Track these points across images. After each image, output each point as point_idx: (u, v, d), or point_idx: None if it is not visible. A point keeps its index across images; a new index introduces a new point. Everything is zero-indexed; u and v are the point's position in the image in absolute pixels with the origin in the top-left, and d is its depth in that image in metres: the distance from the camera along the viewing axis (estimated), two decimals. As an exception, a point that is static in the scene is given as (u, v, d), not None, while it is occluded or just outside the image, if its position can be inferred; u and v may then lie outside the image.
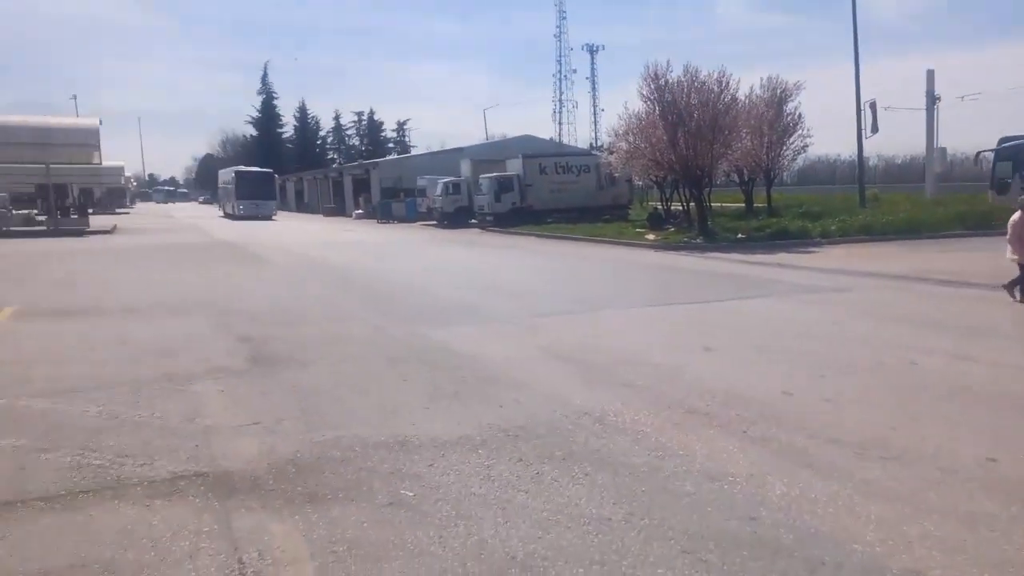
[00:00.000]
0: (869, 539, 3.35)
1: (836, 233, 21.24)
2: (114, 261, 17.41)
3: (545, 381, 6.12)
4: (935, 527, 3.47)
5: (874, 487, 3.93)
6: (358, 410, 5.31)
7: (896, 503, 3.73)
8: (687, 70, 21.76)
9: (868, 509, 3.65)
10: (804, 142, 27.73)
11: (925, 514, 3.60)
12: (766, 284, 12.67)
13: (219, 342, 7.71)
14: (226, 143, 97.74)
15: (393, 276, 14.35)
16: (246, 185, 47.93)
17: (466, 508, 3.68)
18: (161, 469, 4.19)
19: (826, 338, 7.93)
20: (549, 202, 32.61)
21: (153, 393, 5.72)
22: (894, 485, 3.95)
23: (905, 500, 3.76)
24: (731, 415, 5.15)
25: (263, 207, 46.84)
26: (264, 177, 50.11)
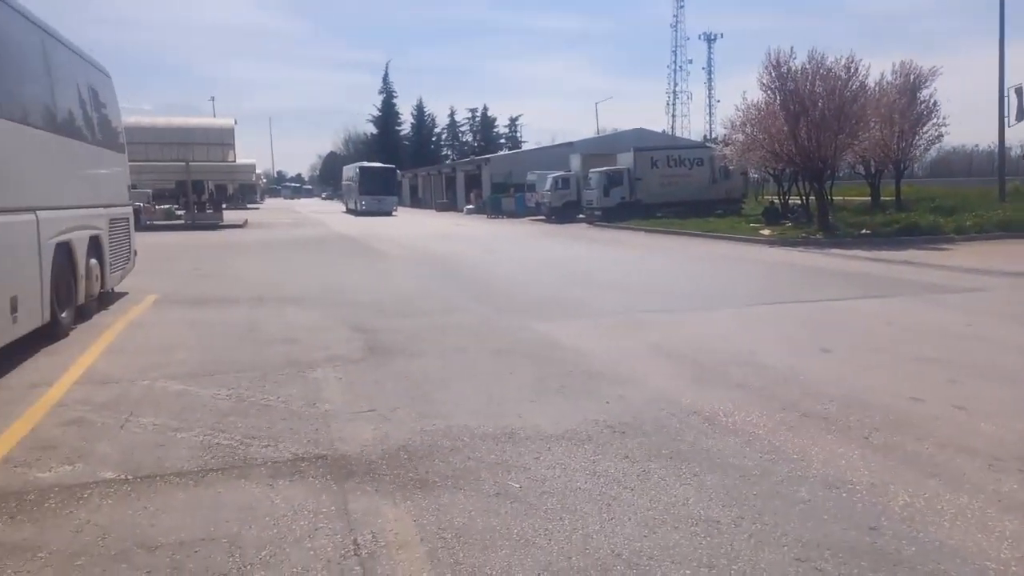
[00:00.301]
0: (1003, 557, 3.12)
1: (972, 229, 19.78)
2: (244, 253, 18.56)
3: (652, 378, 6.04)
4: (1081, 549, 3.19)
5: (1010, 501, 3.65)
6: (466, 400, 5.44)
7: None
8: (812, 56, 20.83)
9: (1002, 524, 3.40)
10: (939, 131, 25.90)
11: (1070, 535, 3.31)
12: (892, 283, 11.96)
13: (337, 331, 8.08)
14: (348, 141, 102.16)
15: (500, 269, 14.55)
16: (369, 180, 48.47)
17: (572, 502, 3.70)
18: (284, 451, 4.45)
19: (958, 341, 7.41)
20: (659, 196, 32.06)
21: (277, 378, 6.07)
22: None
23: (1047, 518, 3.48)
24: (851, 420, 4.91)
25: (385, 203, 47.19)
26: (386, 173, 50.44)
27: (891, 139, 24.57)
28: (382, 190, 47.97)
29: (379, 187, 47.92)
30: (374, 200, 46.72)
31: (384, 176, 49.68)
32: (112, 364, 6.68)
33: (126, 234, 10.94)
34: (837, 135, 20.51)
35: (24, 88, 7.38)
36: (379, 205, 46.50)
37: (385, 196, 47.59)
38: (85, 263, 8.62)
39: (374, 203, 46.42)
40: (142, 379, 6.10)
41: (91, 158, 9.40)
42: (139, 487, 3.93)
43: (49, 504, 3.74)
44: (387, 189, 48.64)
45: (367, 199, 47.14)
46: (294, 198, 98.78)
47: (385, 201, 47.34)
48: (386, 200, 47.54)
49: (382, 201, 47.12)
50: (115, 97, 11.02)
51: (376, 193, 47.29)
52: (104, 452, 4.45)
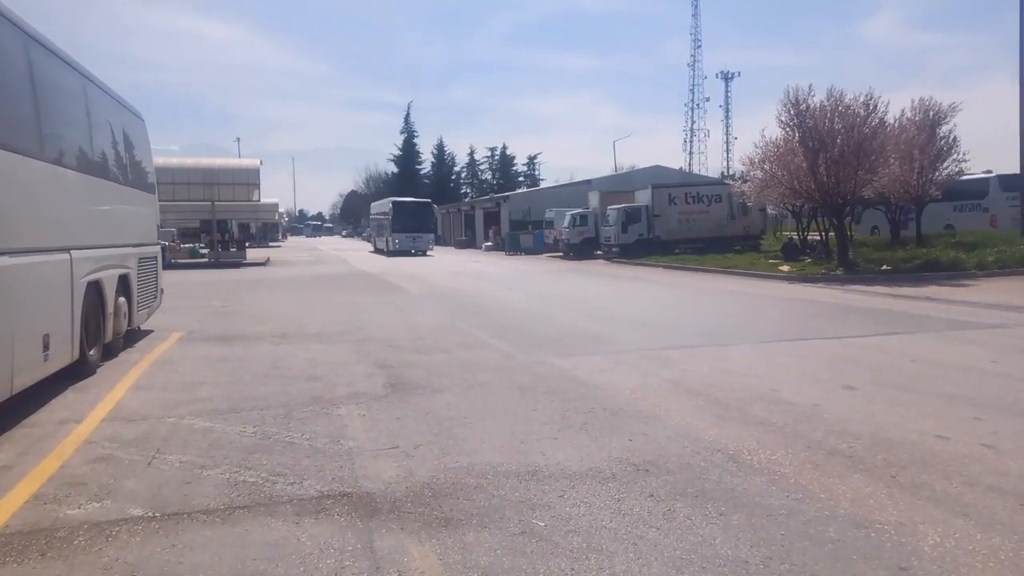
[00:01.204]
0: (1038, 601, 3.07)
1: (994, 265, 19.60)
2: (267, 290, 18.78)
3: (675, 415, 6.03)
4: (1119, 592, 3.13)
5: (1044, 544, 3.59)
6: (489, 438, 5.45)
7: (1071, 563, 3.39)
8: (831, 94, 20.95)
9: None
10: (959, 167, 25.82)
11: (1106, 577, 3.26)
12: (914, 319, 11.86)
13: (360, 367, 8.14)
14: (369, 180, 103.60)
15: (520, 305, 14.60)
16: (404, 216, 44.19)
17: (597, 541, 3.69)
18: (309, 488, 4.48)
19: (983, 378, 7.32)
20: (677, 232, 32.14)
21: (302, 415, 6.12)
22: (1068, 543, 3.60)
23: (1082, 560, 3.42)
24: (878, 458, 4.87)
25: (420, 241, 43.46)
26: (422, 208, 46.05)
27: (910, 175, 24.53)
28: (417, 226, 43.74)
29: (414, 223, 43.68)
30: (408, 238, 42.92)
31: (420, 211, 45.27)
32: (139, 401, 6.78)
33: (154, 273, 11.15)
34: (856, 171, 20.52)
35: (64, 132, 7.65)
36: (414, 243, 42.76)
37: (421, 234, 43.58)
38: (114, 301, 8.79)
39: (408, 241, 42.75)
40: (168, 416, 6.18)
41: (123, 198, 9.65)
42: (166, 524, 3.98)
43: (78, 541, 3.79)
44: (423, 225, 44.32)
45: (400, 237, 43.11)
46: (315, 236, 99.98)
47: (421, 239, 43.46)
48: (422, 238, 43.63)
49: (417, 239, 43.16)
50: (147, 139, 11.34)
51: (411, 230, 43.26)
52: (132, 489, 4.51)
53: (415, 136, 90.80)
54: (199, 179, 30.42)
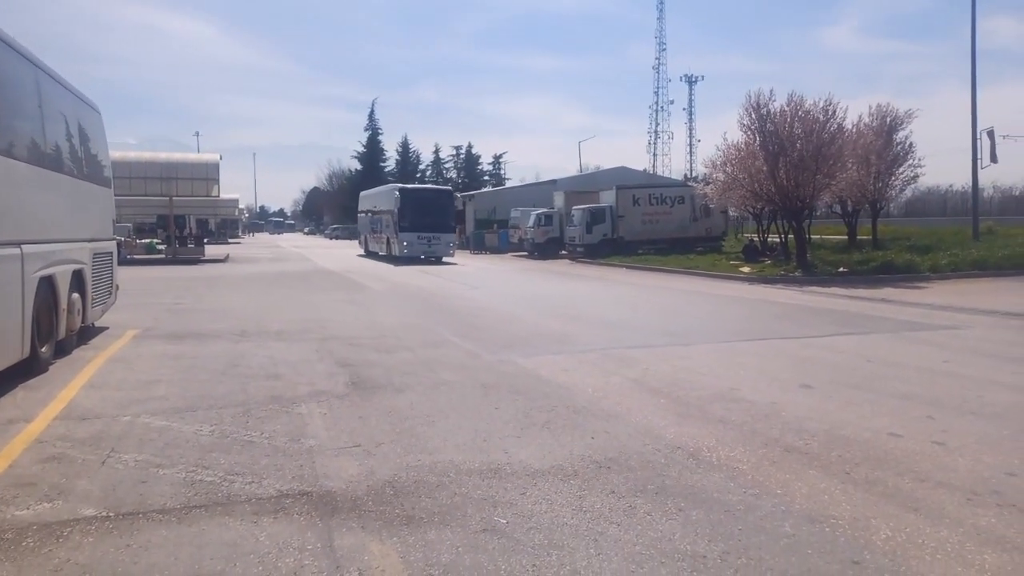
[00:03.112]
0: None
1: (947, 268, 20.19)
2: (226, 288, 18.46)
3: (636, 413, 6.08)
4: (1058, 582, 3.25)
5: (988, 535, 3.71)
6: (452, 436, 5.44)
7: (1013, 553, 3.51)
8: (791, 99, 21.41)
9: (981, 558, 3.45)
10: (915, 172, 26.60)
11: (1047, 568, 3.38)
12: (869, 320, 12.15)
13: (321, 366, 8.06)
14: (332, 177, 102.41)
15: (485, 304, 14.59)
16: (415, 209, 31.66)
17: (558, 538, 3.70)
18: (268, 487, 4.42)
19: (935, 377, 7.53)
20: (641, 233, 32.45)
21: (261, 414, 6.03)
22: (1010, 534, 3.72)
23: (1022, 550, 3.54)
24: (832, 455, 4.98)
25: (438, 244, 31.84)
26: (441, 199, 34.16)
27: (867, 179, 25.14)
28: (434, 224, 31.59)
29: (429, 220, 31.52)
30: (421, 240, 31.32)
31: (437, 203, 33.09)
32: (93, 399, 6.61)
33: (109, 268, 10.89)
34: (815, 175, 20.95)
35: (15, 123, 7.41)
36: (428, 247, 31.49)
37: (438, 234, 31.78)
38: (67, 297, 8.56)
39: (421, 244, 31.31)
40: (123, 415, 6.04)
41: (78, 192, 9.40)
42: (121, 525, 3.89)
43: (27, 543, 3.68)
44: (442, 222, 32.26)
45: (410, 238, 31.27)
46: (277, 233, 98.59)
47: (438, 241, 31.86)
48: (439, 240, 31.88)
49: (434, 242, 31.64)
50: (104, 132, 11.06)
51: (425, 229, 31.33)
52: (85, 489, 4.39)
53: (380, 133, 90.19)
54: (157, 173, 29.80)
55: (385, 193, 36.54)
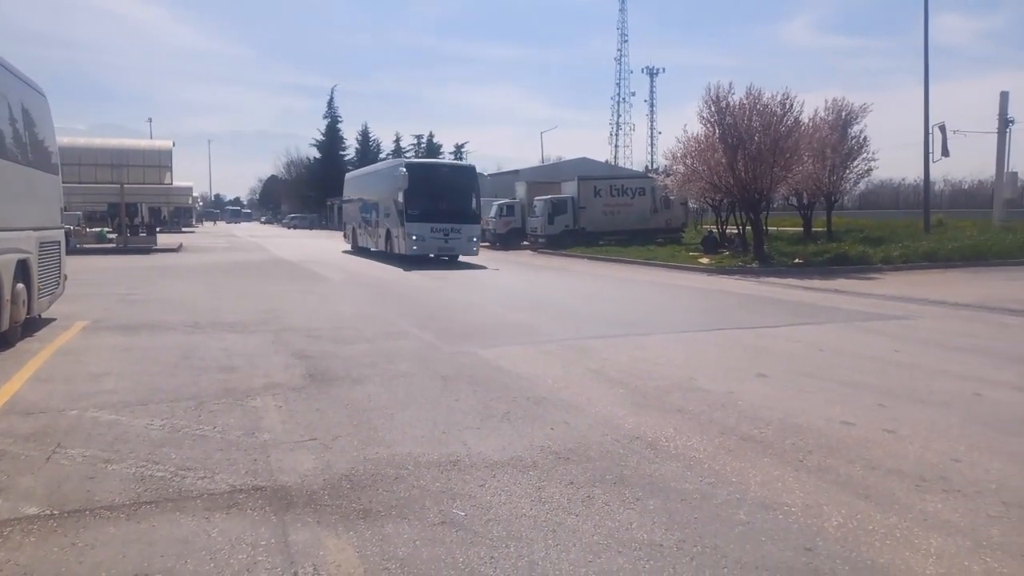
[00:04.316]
0: (929, 573, 3.26)
1: (898, 259, 20.71)
2: (179, 278, 18.05)
3: (596, 404, 6.10)
4: (998, 563, 3.35)
5: (935, 520, 3.81)
6: (410, 428, 5.39)
7: (957, 537, 3.61)
8: (749, 92, 21.67)
9: (928, 542, 3.55)
10: (868, 166, 27.23)
11: (988, 549, 3.48)
12: (823, 311, 12.40)
13: (277, 358, 7.92)
14: (290, 165, 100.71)
15: (445, 295, 14.52)
16: (428, 193, 23.56)
17: (517, 529, 3.69)
18: (221, 482, 4.32)
19: (886, 367, 7.71)
20: (602, 224, 32.63)
21: (214, 407, 5.90)
22: (956, 518, 3.83)
23: (967, 534, 3.64)
24: (786, 444, 5.06)
25: (457, 238, 23.73)
26: (461, 178, 25.35)
27: (823, 172, 25.63)
28: (453, 211, 23.79)
29: (447, 205, 23.69)
30: (436, 233, 23.39)
31: (457, 183, 24.72)
32: (38, 393, 6.39)
33: (56, 258, 10.54)
34: (772, 168, 21.27)
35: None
36: (446, 242, 23.62)
37: (458, 224, 23.76)
38: (12, 288, 8.26)
39: (436, 239, 23.45)
40: (70, 409, 5.85)
41: (22, 179, 9.06)
42: (66, 523, 3.76)
43: (-33, 542, 3.54)
44: (462, 210, 24.08)
45: (422, 231, 23.26)
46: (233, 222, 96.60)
47: (458, 235, 23.71)
48: (460, 233, 23.75)
49: (453, 235, 23.59)
50: (50, 117, 10.68)
51: (441, 217, 23.46)
52: (28, 486, 4.24)
53: (339, 121, 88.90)
54: (107, 160, 28.93)
55: (385, 172, 27.14)
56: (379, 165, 33.11)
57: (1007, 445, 5.06)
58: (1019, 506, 3.99)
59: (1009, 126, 32.01)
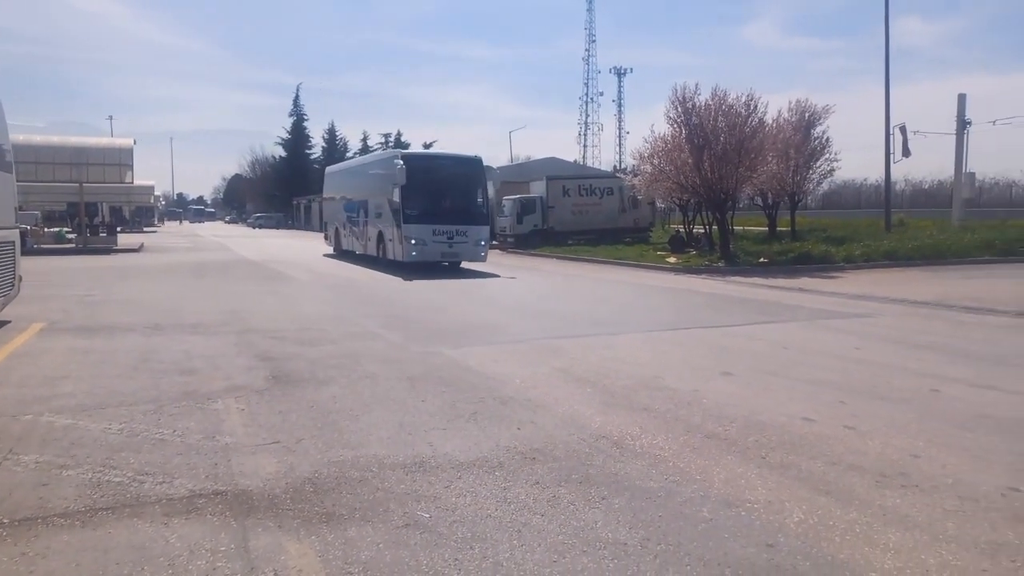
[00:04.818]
0: (887, 567, 3.31)
1: (860, 258, 21.08)
2: (140, 279, 17.70)
3: (563, 403, 6.11)
4: (953, 556, 3.42)
5: (893, 515, 3.88)
6: (376, 430, 5.34)
7: (915, 531, 3.68)
8: (715, 93, 21.89)
9: (887, 537, 3.61)
10: (831, 166, 27.67)
11: (944, 543, 3.55)
12: (787, 309, 12.58)
13: (240, 360, 7.80)
14: (255, 163, 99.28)
15: (413, 294, 14.43)
16: (430, 189, 20.34)
17: (482, 530, 3.68)
18: (180, 487, 4.24)
19: (847, 364, 7.84)
20: (571, 224, 32.74)
21: (174, 411, 5.79)
22: (913, 513, 3.90)
23: (924, 528, 3.71)
24: (750, 440, 5.11)
25: (463, 242, 20.36)
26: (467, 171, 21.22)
27: (787, 173, 26.00)
28: (458, 211, 20.62)
29: (451, 204, 20.61)
30: (440, 237, 19.99)
31: (462, 178, 21.13)
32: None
33: (10, 259, 10.25)
34: (738, 168, 21.53)
35: None
36: (450, 247, 20.24)
37: (465, 226, 20.44)
38: (-38, 289, 8.02)
39: (439, 243, 20.01)
40: (25, 413, 5.69)
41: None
42: (17, 531, 3.65)
43: (-88, 553, 3.42)
44: (468, 209, 20.84)
45: (422, 234, 19.88)
46: (197, 221, 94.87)
47: (464, 238, 20.36)
48: (467, 236, 20.39)
49: (458, 239, 20.28)
50: (2, 114, 10.39)
51: (445, 218, 20.25)
52: (-22, 494, 4.12)
53: (305, 119, 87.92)
54: (66, 159, 28.26)
55: (375, 166, 23.30)
56: (368, 157, 28.70)
57: (963, 441, 5.17)
58: (974, 500, 4.08)
59: (967, 128, 32.81)
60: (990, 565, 3.34)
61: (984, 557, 3.42)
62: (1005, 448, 5.01)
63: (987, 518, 3.84)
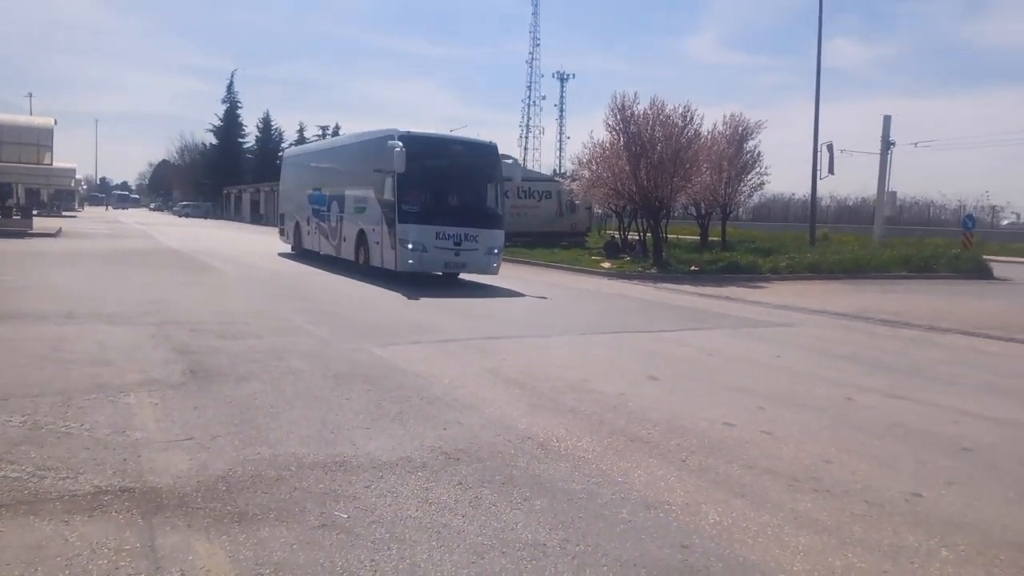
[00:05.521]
0: (796, 569, 3.40)
1: (785, 270, 21.76)
2: (55, 265, 16.87)
3: (491, 404, 6.09)
4: (859, 559, 3.54)
5: (804, 518, 3.99)
6: (296, 428, 5.20)
7: (824, 534, 3.80)
8: (653, 103, 22.23)
9: (797, 540, 3.71)
10: (761, 180, 28.53)
11: (850, 546, 3.68)
12: (714, 317, 12.89)
13: (157, 352, 7.49)
14: (184, 150, 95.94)
15: (344, 291, 14.19)
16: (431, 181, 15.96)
17: (401, 531, 3.62)
18: (84, 483, 4.03)
19: (768, 371, 8.08)
20: (508, 226, 32.58)
21: (83, 403, 5.52)
22: (823, 517, 4.03)
23: (832, 532, 3.84)
24: (672, 444, 5.20)
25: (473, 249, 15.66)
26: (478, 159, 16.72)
27: (719, 184, 26.68)
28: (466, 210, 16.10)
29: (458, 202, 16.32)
30: (444, 242, 15.37)
31: (472, 169, 16.64)
32: None
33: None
34: (673, 177, 21.94)
35: None
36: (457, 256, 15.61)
37: (475, 229, 15.71)
38: None
39: (443, 249, 15.42)
40: (-84, 403, 5.34)
41: None
42: (-102, 528, 3.41)
43: None
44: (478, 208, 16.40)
45: (422, 237, 15.23)
46: (121, 207, 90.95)
47: (474, 244, 15.66)
48: (477, 241, 15.68)
49: (467, 245, 15.58)
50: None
51: (451, 219, 15.57)
52: None
53: (239, 107, 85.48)
54: (-22, 136, 26.75)
55: (360, 148, 18.36)
56: (347, 138, 22.27)
57: (873, 448, 5.38)
58: (880, 505, 4.25)
59: (891, 148, 34.33)
60: (892, 567, 3.48)
61: (887, 559, 3.55)
62: (911, 456, 5.24)
63: (891, 522, 4.00)
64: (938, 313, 13.81)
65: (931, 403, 6.90)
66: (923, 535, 3.84)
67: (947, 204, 52.79)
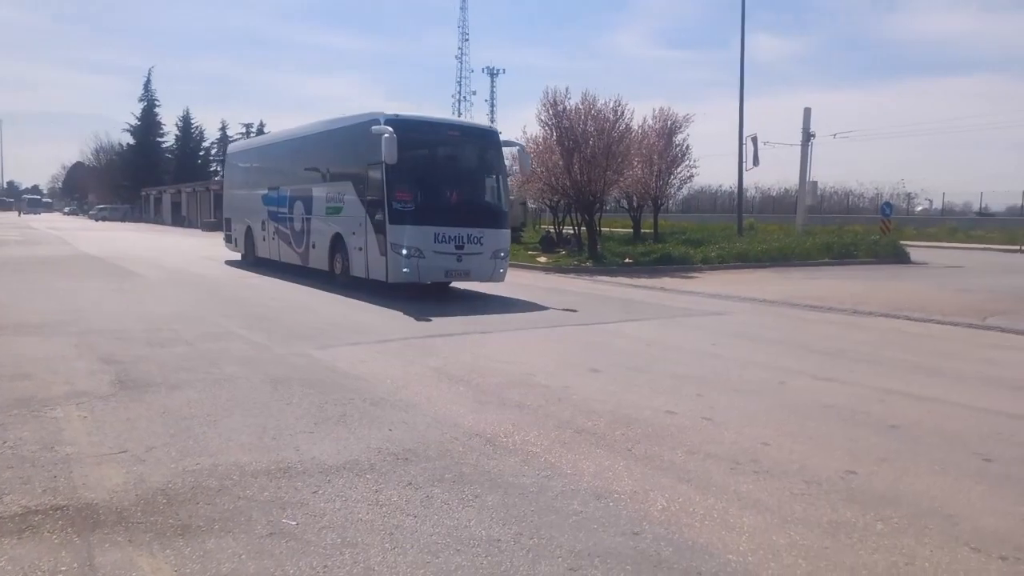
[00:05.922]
0: (742, 549, 3.51)
1: (715, 260, 22.36)
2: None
3: (436, 402, 6.06)
4: (800, 536, 3.68)
5: (747, 500, 4.12)
6: (236, 435, 5.06)
7: (766, 514, 3.93)
8: (585, 98, 22.44)
9: (741, 521, 3.83)
10: (690, 172, 29.17)
11: (792, 524, 3.82)
12: (650, 307, 13.14)
13: (82, 363, 7.17)
14: (99, 151, 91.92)
15: (277, 293, 13.86)
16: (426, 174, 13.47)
17: (352, 535, 3.57)
18: (11, 504, 3.83)
19: (704, 359, 8.29)
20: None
21: (5, 420, 5.23)
22: (765, 497, 4.17)
23: (774, 511, 3.98)
24: (617, 434, 5.28)
25: (477, 254, 13.05)
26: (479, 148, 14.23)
27: (650, 177, 27.17)
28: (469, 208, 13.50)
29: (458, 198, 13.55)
30: (445, 245, 12.70)
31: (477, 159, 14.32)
32: None
33: None
34: (605, 171, 22.23)
35: None
36: (459, 261, 12.93)
37: (480, 229, 13.07)
38: None
39: (443, 254, 12.72)
40: None
41: None
42: None
43: None
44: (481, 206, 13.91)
45: (419, 240, 12.52)
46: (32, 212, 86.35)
47: (478, 248, 13.04)
48: (482, 244, 13.07)
49: (471, 249, 12.96)
50: None
51: (452, 219, 12.94)
52: None
53: (156, 105, 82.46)
54: None
55: (337, 135, 15.42)
56: (317, 125, 17.04)
57: (807, 429, 5.59)
58: (817, 483, 4.42)
59: (811, 139, 35.56)
60: (831, 543, 3.62)
61: (827, 536, 3.70)
62: (844, 435, 5.46)
63: (828, 500, 4.17)
64: (860, 297, 14.43)
65: (858, 383, 7.22)
66: (859, 510, 4.02)
67: (865, 192, 55.32)
